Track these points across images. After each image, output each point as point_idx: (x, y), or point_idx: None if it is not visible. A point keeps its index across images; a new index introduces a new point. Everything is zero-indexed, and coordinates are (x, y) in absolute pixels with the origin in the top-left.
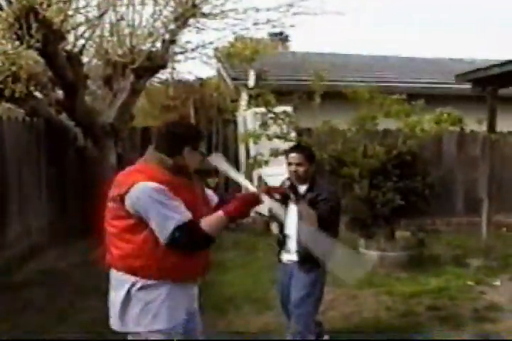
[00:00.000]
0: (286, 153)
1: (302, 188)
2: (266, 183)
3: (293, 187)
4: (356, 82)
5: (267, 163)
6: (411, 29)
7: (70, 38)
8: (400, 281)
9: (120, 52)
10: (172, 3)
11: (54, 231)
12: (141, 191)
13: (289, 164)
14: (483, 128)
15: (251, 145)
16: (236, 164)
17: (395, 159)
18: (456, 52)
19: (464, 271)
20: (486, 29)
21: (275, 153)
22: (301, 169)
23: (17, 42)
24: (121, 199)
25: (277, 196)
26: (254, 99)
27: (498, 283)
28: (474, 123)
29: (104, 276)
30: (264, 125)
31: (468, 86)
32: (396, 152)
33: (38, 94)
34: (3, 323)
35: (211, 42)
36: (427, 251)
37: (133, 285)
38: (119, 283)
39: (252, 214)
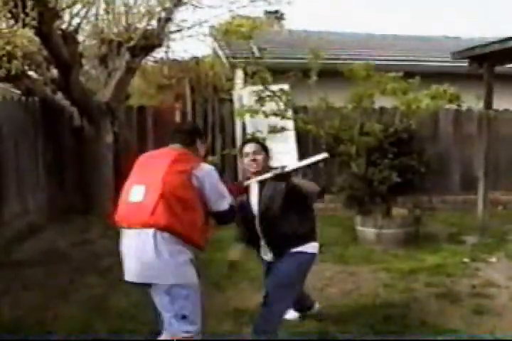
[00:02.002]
0: (240, 148)
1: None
2: None
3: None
4: (352, 60)
5: (264, 140)
6: (408, 7)
7: (65, 16)
8: (397, 258)
9: (116, 30)
10: None
11: (52, 209)
12: (208, 171)
13: (246, 155)
14: (480, 105)
15: (247, 122)
16: (233, 142)
17: (392, 137)
18: (451, 31)
19: (460, 248)
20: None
21: (273, 130)
22: (259, 157)
23: (12, 21)
24: (188, 174)
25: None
26: (250, 77)
27: (494, 259)
28: (471, 101)
29: (102, 255)
30: (260, 100)
31: (464, 64)
32: (393, 130)
33: (32, 73)
34: (3, 301)
35: (207, 21)
36: (423, 229)
37: (182, 245)
38: (165, 242)
39: None
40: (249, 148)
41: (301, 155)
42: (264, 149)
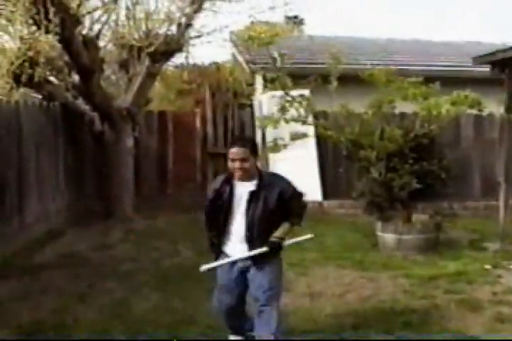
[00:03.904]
0: (227, 147)
1: (251, 184)
2: None
3: (228, 183)
4: (373, 65)
5: (285, 146)
6: (428, 12)
7: (87, 22)
8: (417, 264)
9: (136, 36)
10: None
11: (72, 213)
12: None
13: (232, 160)
14: (502, 110)
15: (268, 129)
16: None
17: (412, 142)
18: (472, 36)
19: (481, 255)
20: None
21: (295, 137)
22: (246, 165)
23: (34, 27)
24: None
25: None
26: (270, 83)
27: None
28: (492, 106)
29: (122, 259)
30: (282, 109)
31: (485, 69)
32: (413, 135)
33: (54, 79)
34: (24, 304)
35: (226, 26)
36: (443, 235)
37: None
38: None
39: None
40: (236, 154)
41: (322, 161)
42: (254, 151)
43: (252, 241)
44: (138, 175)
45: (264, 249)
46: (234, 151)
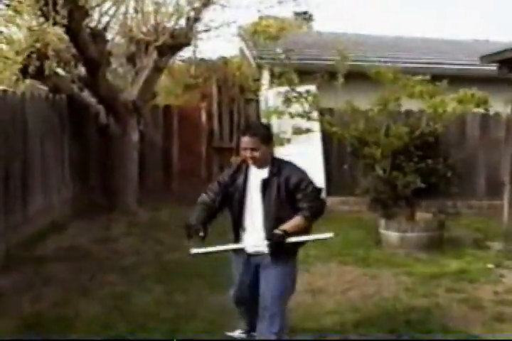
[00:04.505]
0: (239, 135)
1: (264, 172)
2: None
3: (238, 170)
4: (380, 63)
5: (289, 141)
6: (438, 10)
7: (95, 14)
8: (420, 262)
9: (144, 29)
10: None
11: (76, 206)
12: None
13: (244, 149)
14: (508, 109)
15: (273, 123)
16: None
17: (417, 140)
18: (480, 35)
19: (484, 254)
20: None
21: (297, 132)
22: (257, 154)
23: (41, 19)
24: None
25: None
26: (277, 78)
27: None
28: (499, 106)
29: (125, 252)
30: (286, 101)
31: (493, 67)
32: (418, 133)
33: (60, 70)
34: (26, 296)
35: (235, 21)
36: (447, 233)
37: None
38: None
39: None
40: (247, 143)
41: (327, 157)
42: (265, 140)
43: (267, 230)
44: (142, 169)
45: (265, 242)
46: (244, 140)
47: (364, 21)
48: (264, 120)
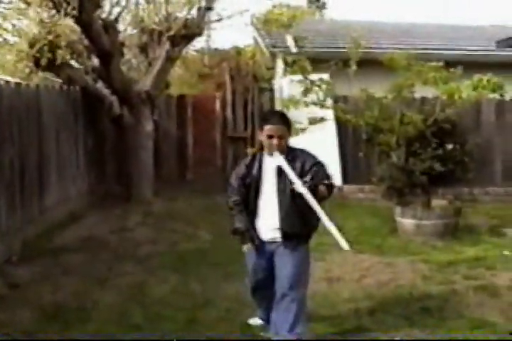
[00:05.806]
0: (262, 122)
1: (279, 159)
2: None
3: (253, 160)
4: (394, 49)
5: (304, 130)
6: None
7: (106, 5)
8: (436, 250)
9: (156, 19)
10: None
11: (92, 197)
12: None
13: (270, 137)
14: None
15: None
16: None
17: (433, 127)
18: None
19: (500, 241)
20: None
21: (313, 122)
22: (283, 142)
23: (53, 11)
24: None
25: None
26: (290, 67)
27: None
28: None
29: (141, 242)
30: (305, 91)
31: (509, 53)
32: (433, 119)
33: (74, 62)
34: (45, 286)
35: (247, 10)
36: (463, 220)
37: None
38: None
39: None
40: (275, 131)
41: (341, 146)
42: (290, 126)
43: (283, 217)
44: (157, 159)
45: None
46: (272, 128)
47: (377, 8)
48: (281, 109)
